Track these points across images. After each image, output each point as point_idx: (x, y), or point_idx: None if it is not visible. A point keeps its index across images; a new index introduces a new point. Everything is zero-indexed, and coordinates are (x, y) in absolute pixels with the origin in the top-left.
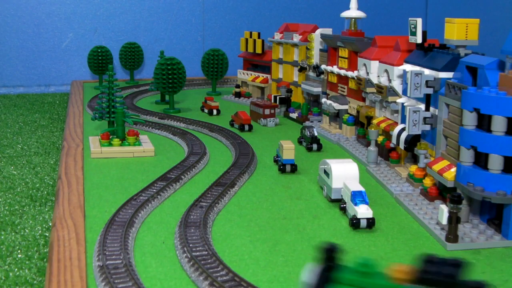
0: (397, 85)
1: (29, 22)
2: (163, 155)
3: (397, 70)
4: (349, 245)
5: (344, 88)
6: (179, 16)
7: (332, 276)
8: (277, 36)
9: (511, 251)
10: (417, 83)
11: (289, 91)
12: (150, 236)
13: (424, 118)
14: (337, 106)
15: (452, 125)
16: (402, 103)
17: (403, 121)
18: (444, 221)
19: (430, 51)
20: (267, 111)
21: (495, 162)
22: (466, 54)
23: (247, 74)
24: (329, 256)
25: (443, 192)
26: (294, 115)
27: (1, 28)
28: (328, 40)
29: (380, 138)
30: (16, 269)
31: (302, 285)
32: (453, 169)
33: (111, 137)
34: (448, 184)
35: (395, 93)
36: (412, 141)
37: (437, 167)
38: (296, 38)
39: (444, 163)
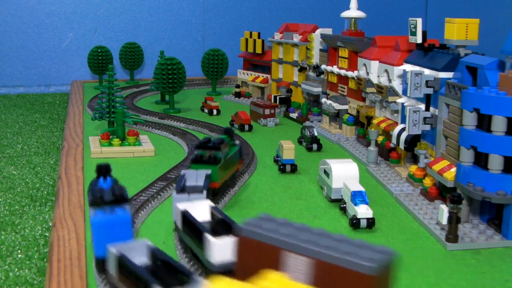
0: (397, 85)
1: (29, 22)
2: (163, 155)
3: (397, 70)
4: None
5: (344, 88)
6: (179, 16)
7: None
8: (277, 36)
9: (511, 251)
10: (417, 83)
11: (289, 91)
12: (150, 236)
13: (424, 118)
14: (337, 106)
15: (452, 125)
16: (402, 103)
17: (403, 121)
18: (444, 221)
19: (430, 51)
20: (267, 111)
21: (495, 162)
22: (466, 54)
23: (247, 74)
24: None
25: (443, 192)
26: (294, 115)
27: (1, 28)
28: (328, 40)
29: (380, 138)
30: (16, 269)
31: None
32: (453, 169)
33: (111, 137)
34: (448, 184)
35: (395, 93)
36: (412, 141)
37: (437, 167)
38: (296, 38)
39: (444, 163)
